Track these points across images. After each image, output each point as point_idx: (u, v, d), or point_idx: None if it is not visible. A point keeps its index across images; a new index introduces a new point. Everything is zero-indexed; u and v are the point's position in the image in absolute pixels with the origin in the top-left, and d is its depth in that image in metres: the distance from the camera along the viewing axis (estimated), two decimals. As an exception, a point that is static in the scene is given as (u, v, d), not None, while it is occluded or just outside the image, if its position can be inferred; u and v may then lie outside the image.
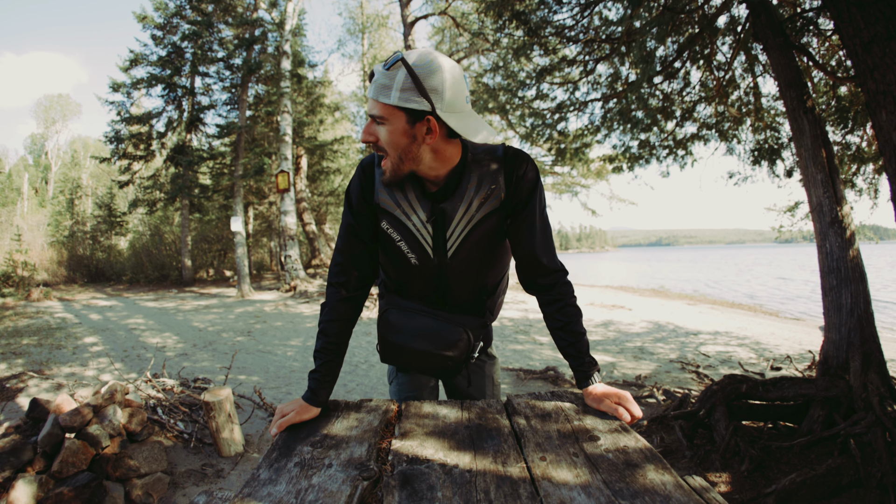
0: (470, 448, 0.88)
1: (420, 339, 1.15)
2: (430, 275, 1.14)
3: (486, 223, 1.09)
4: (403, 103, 0.95)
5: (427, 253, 1.11)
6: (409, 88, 0.94)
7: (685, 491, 0.72)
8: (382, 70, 0.96)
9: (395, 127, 0.98)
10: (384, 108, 0.97)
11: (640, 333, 6.95)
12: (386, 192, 1.10)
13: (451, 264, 1.12)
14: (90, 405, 2.43)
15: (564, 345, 1.12)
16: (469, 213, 1.07)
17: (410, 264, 1.13)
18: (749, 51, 4.18)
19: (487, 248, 1.13)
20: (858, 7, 2.29)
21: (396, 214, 1.09)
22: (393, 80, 0.95)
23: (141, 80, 13.58)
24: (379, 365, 5.13)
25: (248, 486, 0.78)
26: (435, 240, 1.10)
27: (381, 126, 0.99)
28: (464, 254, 1.11)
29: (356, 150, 20.11)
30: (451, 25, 13.92)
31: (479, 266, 1.16)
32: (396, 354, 1.19)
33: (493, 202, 1.08)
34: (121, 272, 16.29)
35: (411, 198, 1.08)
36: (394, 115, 0.97)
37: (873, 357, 2.69)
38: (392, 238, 1.12)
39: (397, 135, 0.99)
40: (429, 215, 1.07)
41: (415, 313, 1.17)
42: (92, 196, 25.64)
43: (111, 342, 6.26)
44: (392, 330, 1.17)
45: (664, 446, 2.79)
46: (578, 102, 4.91)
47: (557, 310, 1.12)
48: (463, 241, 1.09)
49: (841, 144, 4.17)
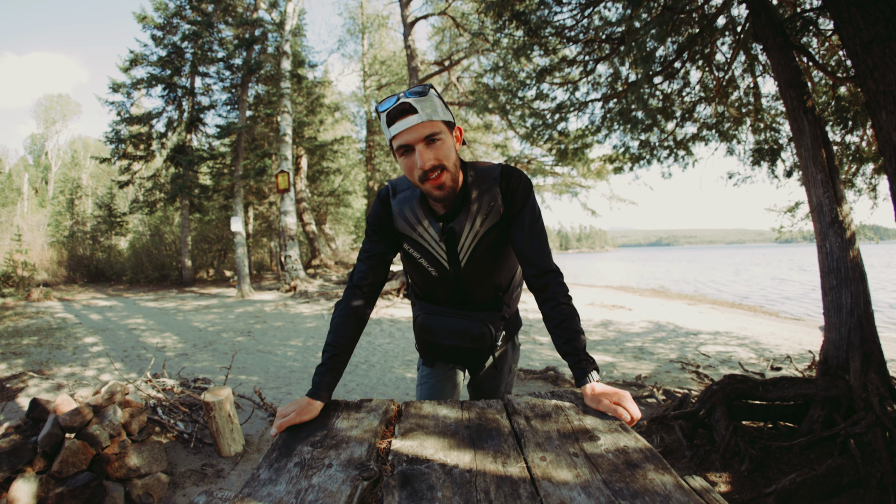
0: (470, 448, 0.88)
1: (449, 336, 1.32)
2: (450, 283, 1.32)
3: (490, 236, 1.24)
4: (447, 116, 1.15)
5: (444, 266, 1.28)
6: (444, 105, 1.15)
7: (685, 491, 0.72)
8: (417, 98, 1.09)
9: (447, 141, 1.14)
10: (438, 125, 1.11)
11: (639, 333, 6.95)
12: (402, 219, 1.26)
13: (465, 273, 1.28)
14: (90, 405, 2.43)
15: (561, 342, 1.16)
16: (474, 229, 1.22)
17: (432, 276, 1.31)
18: (749, 51, 4.18)
19: (495, 256, 1.28)
20: (858, 7, 2.29)
21: (414, 237, 1.26)
22: (433, 102, 1.11)
23: (141, 80, 13.58)
24: (379, 365, 5.13)
25: (248, 486, 0.78)
26: (449, 254, 1.26)
27: (435, 143, 1.11)
28: (475, 263, 1.27)
29: (356, 150, 20.13)
30: (451, 26, 13.93)
31: (491, 270, 1.31)
32: (433, 352, 1.38)
33: (493, 217, 1.22)
34: (121, 272, 16.29)
35: (424, 222, 1.24)
36: (444, 130, 1.13)
37: (873, 357, 2.69)
38: (413, 256, 1.30)
39: (450, 147, 1.15)
40: (440, 235, 1.23)
41: (442, 316, 1.34)
42: (92, 196, 25.65)
43: (111, 342, 6.26)
44: (426, 332, 1.36)
45: (664, 446, 2.79)
46: (578, 102, 4.91)
47: (551, 308, 1.19)
48: (472, 253, 1.25)
49: (841, 144, 4.17)
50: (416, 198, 1.25)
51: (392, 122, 1.11)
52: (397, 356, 5.54)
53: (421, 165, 1.10)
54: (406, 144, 1.10)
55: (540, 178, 13.88)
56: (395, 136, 1.11)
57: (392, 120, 1.11)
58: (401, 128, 1.09)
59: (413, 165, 1.12)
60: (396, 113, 1.09)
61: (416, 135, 1.09)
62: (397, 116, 1.09)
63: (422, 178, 1.12)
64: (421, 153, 1.09)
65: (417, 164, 1.10)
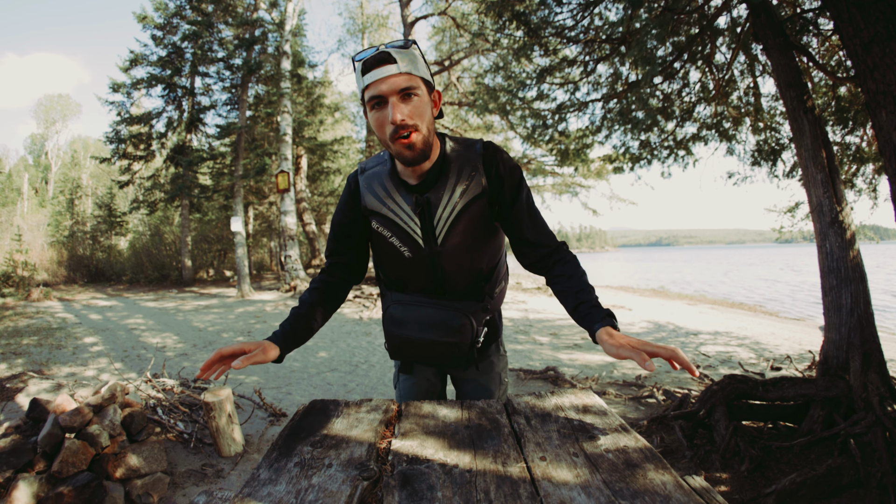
0: (470, 448, 0.88)
1: (424, 329, 1.17)
2: (425, 265, 1.17)
3: (471, 209, 1.11)
4: (426, 75, 1.05)
5: (418, 243, 1.14)
6: (425, 64, 1.06)
7: (685, 491, 0.72)
8: (399, 49, 1.01)
9: (423, 98, 1.04)
10: (416, 80, 1.02)
11: (640, 333, 6.95)
12: (371, 194, 1.15)
13: (443, 251, 1.14)
14: (90, 405, 2.43)
15: (576, 290, 1.06)
16: (453, 200, 1.10)
17: (405, 258, 1.17)
18: (749, 51, 4.18)
19: (476, 233, 1.15)
20: (858, 7, 2.29)
21: (384, 213, 1.14)
22: (414, 56, 1.02)
23: (141, 80, 13.58)
24: (379, 365, 5.13)
25: (248, 486, 0.78)
26: (423, 230, 1.12)
27: (411, 98, 1.01)
28: (454, 240, 1.13)
29: (356, 150, 20.12)
30: (452, 26, 13.92)
31: (471, 251, 1.16)
32: (404, 347, 1.22)
33: (475, 188, 1.11)
34: (121, 272, 16.29)
35: (395, 195, 1.13)
36: (421, 87, 1.04)
37: (873, 357, 2.69)
38: (383, 235, 1.16)
39: (426, 106, 1.05)
40: (414, 207, 1.11)
41: (416, 306, 1.20)
42: (92, 196, 25.65)
43: (111, 342, 6.27)
44: (396, 324, 1.20)
45: (664, 446, 2.79)
46: (579, 103, 4.91)
47: (561, 268, 1.13)
48: (451, 227, 1.12)
49: (841, 144, 4.17)
50: (386, 172, 1.15)
51: (367, 70, 1.00)
52: (397, 356, 5.53)
53: (392, 119, 0.98)
54: (379, 95, 0.99)
55: (540, 178, 13.88)
56: (369, 85, 1.00)
57: (368, 69, 1.00)
58: (375, 76, 0.98)
59: (384, 121, 1.01)
60: (373, 61, 0.99)
61: (391, 86, 0.98)
62: (374, 65, 0.99)
63: (392, 134, 1.00)
64: (394, 106, 0.98)
65: (389, 118, 0.99)
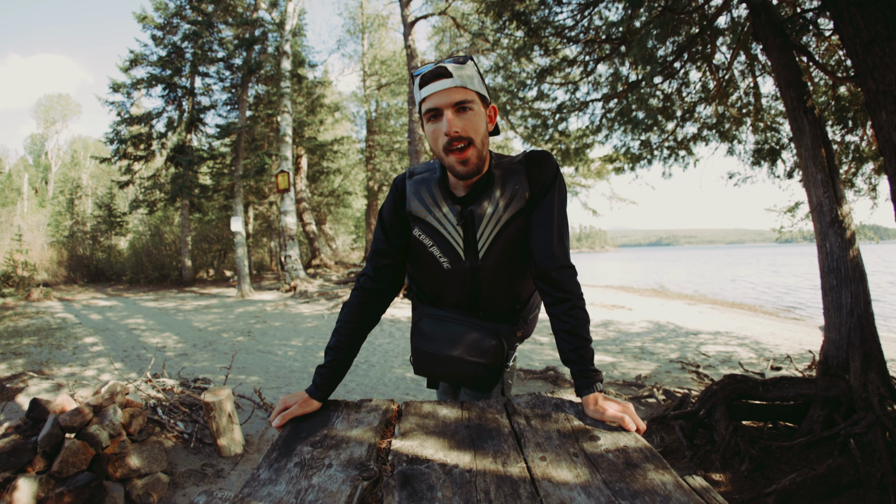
0: (470, 448, 0.88)
1: (453, 346, 1.15)
2: (463, 279, 1.16)
3: (513, 224, 1.11)
4: (482, 90, 1.08)
5: (459, 255, 1.13)
6: (480, 79, 1.09)
7: (685, 491, 0.72)
8: (455, 64, 1.04)
9: (478, 112, 1.06)
10: (471, 94, 1.05)
11: (640, 333, 6.95)
12: (417, 199, 1.15)
13: (483, 266, 1.13)
14: (90, 405, 2.43)
15: (569, 349, 1.06)
16: (497, 213, 1.11)
17: (443, 270, 1.16)
18: (749, 51, 4.18)
19: (515, 251, 1.14)
20: (858, 7, 2.29)
21: (428, 220, 1.14)
22: (471, 72, 1.06)
23: (141, 80, 13.58)
24: (379, 365, 5.13)
25: (248, 486, 0.78)
26: (466, 242, 1.12)
27: (466, 112, 1.04)
28: (495, 255, 1.12)
29: (356, 150, 20.11)
30: (452, 26, 13.92)
31: (511, 270, 1.16)
32: (430, 364, 1.20)
33: (518, 202, 1.11)
34: (121, 272, 16.29)
35: (441, 204, 1.13)
36: (476, 101, 1.06)
37: (873, 357, 2.69)
38: (424, 244, 1.16)
39: (481, 120, 1.07)
40: (458, 218, 1.11)
41: (448, 321, 1.18)
42: (92, 196, 25.64)
43: (111, 342, 6.26)
44: (425, 338, 1.19)
45: (664, 446, 2.79)
46: (579, 103, 4.91)
47: (564, 311, 1.07)
48: (493, 242, 1.11)
49: (841, 144, 4.17)
50: (434, 179, 1.15)
51: (424, 84, 1.04)
52: (397, 356, 5.53)
53: (447, 131, 1.02)
54: (435, 108, 1.03)
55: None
56: (425, 98, 1.04)
57: (425, 82, 1.04)
58: (432, 90, 1.02)
59: (439, 132, 1.04)
60: (430, 76, 1.03)
61: (446, 99, 1.02)
62: (431, 79, 1.03)
63: (446, 146, 1.03)
64: (449, 120, 1.02)
65: (443, 130, 1.02)
